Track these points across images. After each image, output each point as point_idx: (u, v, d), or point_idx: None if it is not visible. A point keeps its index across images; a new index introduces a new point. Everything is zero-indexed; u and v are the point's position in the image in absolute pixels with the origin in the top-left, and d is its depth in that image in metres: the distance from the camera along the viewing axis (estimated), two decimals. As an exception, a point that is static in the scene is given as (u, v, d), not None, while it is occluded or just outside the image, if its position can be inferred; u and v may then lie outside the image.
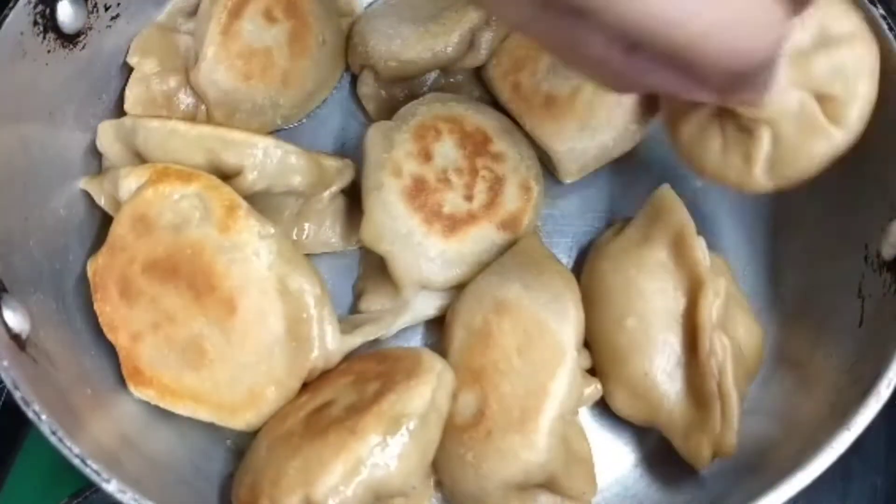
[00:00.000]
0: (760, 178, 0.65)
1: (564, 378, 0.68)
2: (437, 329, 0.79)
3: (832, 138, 0.63)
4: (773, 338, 0.80)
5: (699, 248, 0.72)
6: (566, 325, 0.70)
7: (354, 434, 0.60)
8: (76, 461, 0.58)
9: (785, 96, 0.62)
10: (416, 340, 0.82)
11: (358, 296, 0.82)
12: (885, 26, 0.71)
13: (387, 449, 0.60)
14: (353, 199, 0.83)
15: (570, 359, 0.69)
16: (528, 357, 0.69)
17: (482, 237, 0.78)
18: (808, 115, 0.62)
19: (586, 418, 0.78)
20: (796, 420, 0.71)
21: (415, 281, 0.77)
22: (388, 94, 0.90)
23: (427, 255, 0.77)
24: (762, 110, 0.62)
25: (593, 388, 0.74)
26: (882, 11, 0.72)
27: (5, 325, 0.63)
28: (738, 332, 0.74)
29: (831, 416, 0.67)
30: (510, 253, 0.77)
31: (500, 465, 0.67)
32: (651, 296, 0.73)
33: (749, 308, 0.77)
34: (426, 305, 0.79)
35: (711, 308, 0.70)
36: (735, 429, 0.68)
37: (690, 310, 0.71)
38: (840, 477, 0.82)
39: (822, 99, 0.62)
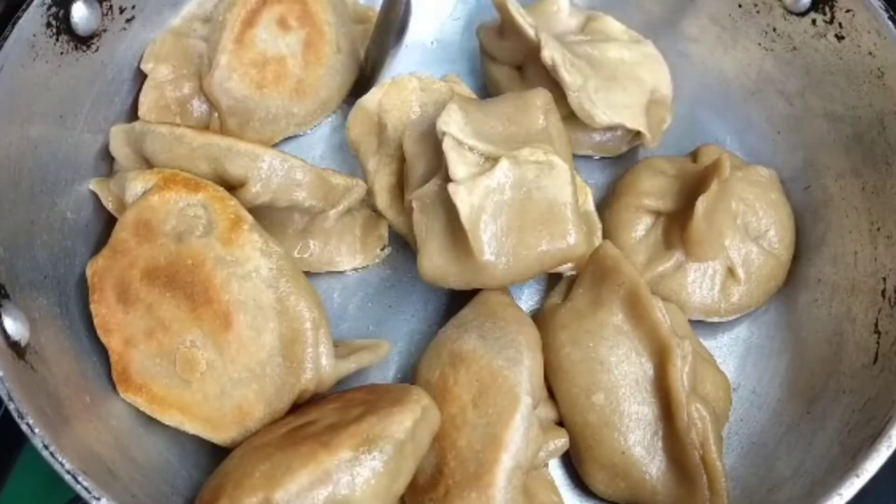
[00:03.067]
0: None
1: (519, 426, 0.65)
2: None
3: None
4: (786, 368, 0.78)
5: (656, 308, 0.70)
6: (520, 370, 0.67)
7: (327, 447, 0.58)
8: (67, 477, 0.58)
9: None
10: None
11: None
12: (885, 16, 0.72)
13: (356, 468, 0.58)
14: (361, 220, 0.82)
15: (525, 405, 0.66)
16: (483, 407, 0.66)
17: None
18: None
19: (559, 474, 0.75)
20: (805, 457, 0.69)
21: None
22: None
23: None
24: None
25: (560, 441, 0.71)
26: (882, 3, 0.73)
27: (4, 333, 0.62)
28: (706, 387, 0.72)
29: (841, 455, 0.65)
30: (471, 304, 0.75)
31: None
32: (615, 367, 0.70)
33: (710, 357, 0.75)
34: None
35: (682, 376, 0.68)
36: (725, 502, 0.67)
37: (660, 377, 0.69)
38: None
39: None
